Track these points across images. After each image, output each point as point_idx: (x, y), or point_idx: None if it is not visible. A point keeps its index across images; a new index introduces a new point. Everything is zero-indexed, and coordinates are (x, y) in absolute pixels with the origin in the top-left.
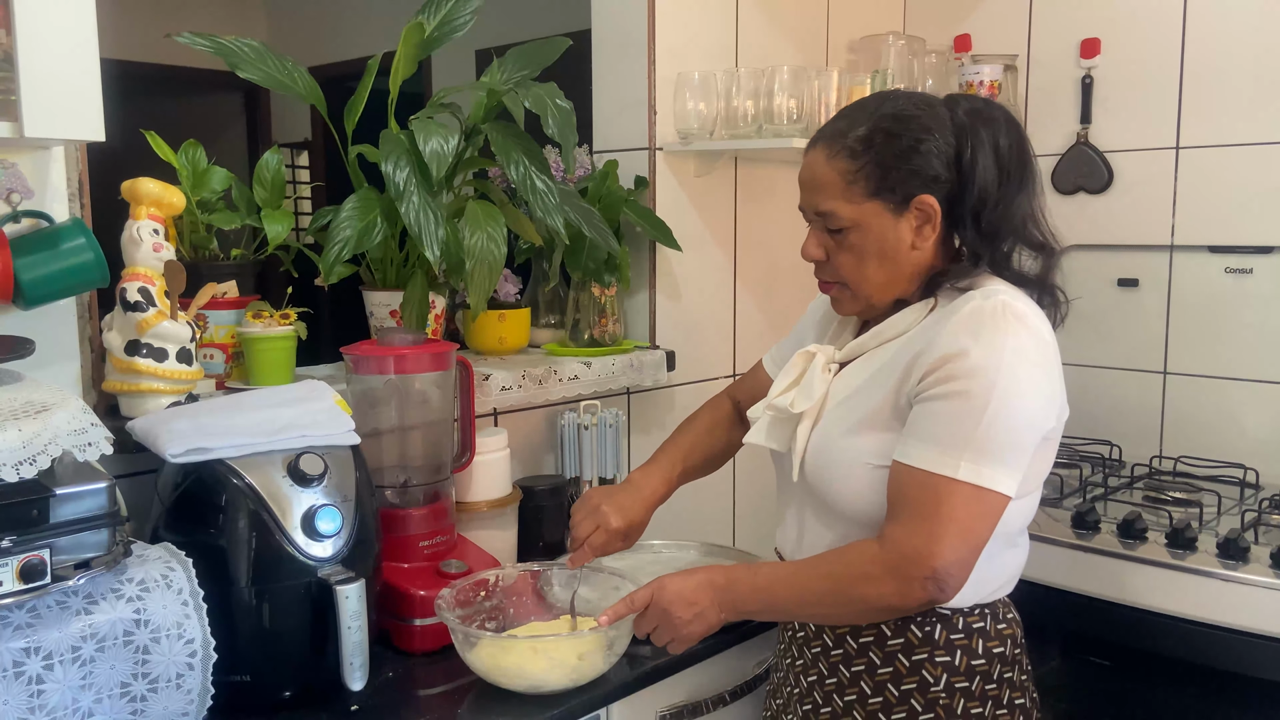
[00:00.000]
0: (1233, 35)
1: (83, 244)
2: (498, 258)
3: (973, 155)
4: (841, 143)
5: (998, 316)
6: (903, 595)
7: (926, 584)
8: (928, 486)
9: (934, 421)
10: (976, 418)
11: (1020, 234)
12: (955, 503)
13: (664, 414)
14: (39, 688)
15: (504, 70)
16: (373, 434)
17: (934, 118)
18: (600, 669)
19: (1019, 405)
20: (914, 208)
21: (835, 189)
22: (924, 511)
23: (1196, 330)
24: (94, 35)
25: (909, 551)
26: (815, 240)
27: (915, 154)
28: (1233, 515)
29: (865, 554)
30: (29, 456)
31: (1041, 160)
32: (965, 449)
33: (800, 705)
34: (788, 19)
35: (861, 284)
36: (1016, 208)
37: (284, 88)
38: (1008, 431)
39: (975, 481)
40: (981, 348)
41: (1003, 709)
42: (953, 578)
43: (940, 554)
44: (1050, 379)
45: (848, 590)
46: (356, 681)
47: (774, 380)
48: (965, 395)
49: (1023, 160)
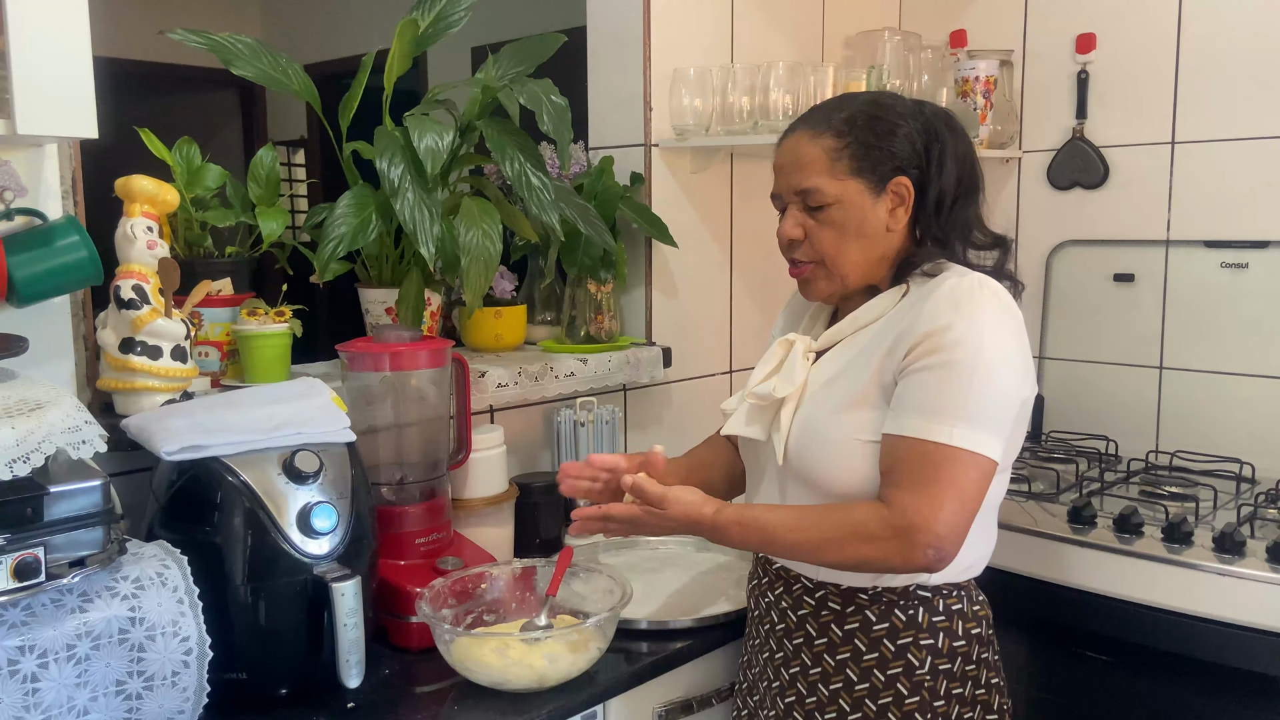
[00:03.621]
0: (1228, 30)
1: (76, 241)
2: (493, 254)
3: (940, 151)
4: (826, 124)
5: (975, 291)
6: (905, 559)
7: (928, 550)
8: (925, 454)
9: (924, 391)
10: (965, 385)
11: (966, 237)
12: (954, 469)
13: (660, 410)
14: (34, 686)
15: (499, 66)
16: (369, 431)
17: (908, 109)
18: (578, 669)
19: (1002, 372)
20: (890, 190)
21: (819, 166)
22: (924, 478)
23: (1192, 325)
24: (86, 32)
25: (915, 517)
26: (793, 220)
27: (893, 136)
28: (1229, 509)
29: (873, 514)
30: (23, 454)
31: (1037, 156)
32: (957, 415)
33: (781, 699)
34: (783, 14)
35: (840, 262)
36: (967, 210)
37: (278, 84)
38: (993, 397)
39: (969, 446)
40: (963, 320)
41: (981, 688)
42: (951, 544)
43: (942, 519)
44: (1024, 351)
45: (848, 545)
46: (353, 679)
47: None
48: (951, 365)
49: (974, 172)
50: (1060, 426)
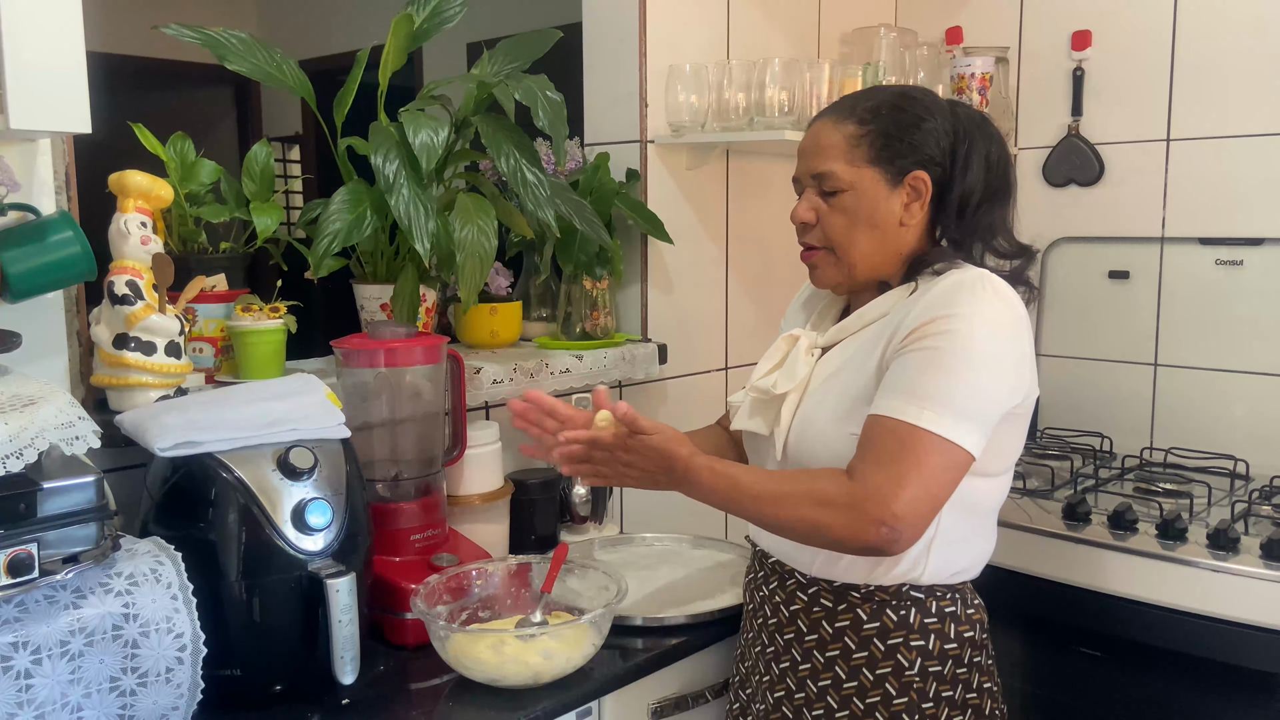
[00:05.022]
0: (1223, 27)
1: (70, 237)
2: (488, 250)
3: (967, 152)
4: (850, 111)
5: (976, 286)
6: (854, 531)
7: (880, 528)
8: (894, 432)
9: (903, 373)
10: (943, 370)
11: (987, 242)
12: (920, 450)
13: (656, 407)
14: (27, 682)
15: (494, 62)
16: (364, 427)
17: (938, 106)
18: (573, 665)
19: (986, 367)
20: (907, 183)
21: (838, 150)
22: (888, 455)
23: (1187, 322)
24: (80, 26)
25: (871, 490)
26: (807, 203)
27: (917, 130)
28: (1223, 506)
29: (835, 481)
30: (16, 450)
31: (1033, 153)
32: (930, 399)
33: (771, 693)
34: (780, 11)
35: (849, 249)
36: (992, 216)
37: (273, 80)
38: (976, 389)
39: (938, 431)
40: (957, 311)
41: (972, 692)
42: (909, 527)
43: (900, 498)
44: (1020, 353)
45: (804, 505)
46: (348, 675)
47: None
48: (934, 350)
49: (1006, 178)
50: (1055, 423)
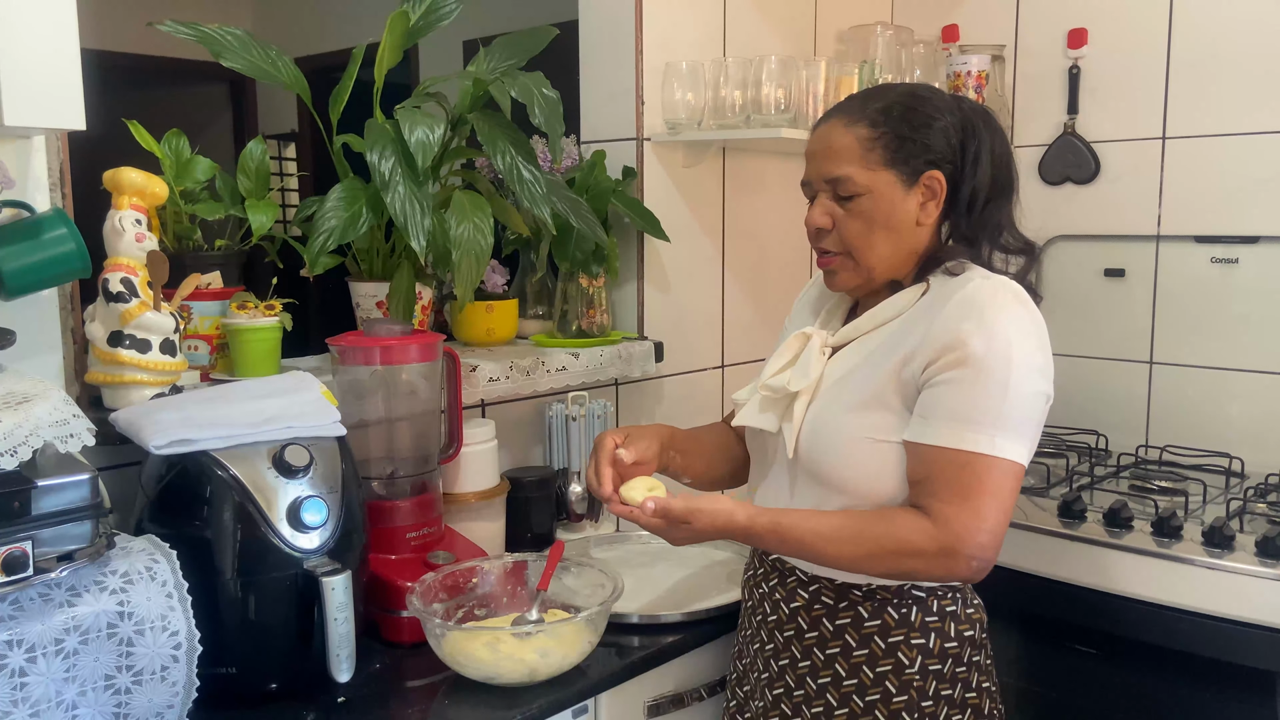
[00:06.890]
0: (1219, 26)
1: (64, 234)
2: (484, 248)
3: (977, 148)
4: (861, 112)
5: (997, 295)
6: (949, 571)
7: (972, 562)
8: (965, 466)
9: (956, 401)
10: (999, 393)
11: (995, 239)
12: (994, 478)
13: (652, 405)
14: (22, 680)
15: (490, 60)
16: (359, 425)
17: (946, 103)
18: (569, 663)
19: (1033, 379)
20: (922, 183)
21: (852, 154)
22: (962, 490)
23: (1183, 320)
24: (74, 23)
25: (960, 530)
26: (822, 209)
27: (929, 129)
28: (1218, 504)
29: (918, 528)
30: (10, 448)
31: (1029, 150)
32: (994, 425)
33: (770, 690)
34: (776, 9)
35: (867, 253)
36: (1000, 212)
37: (268, 77)
38: (1025, 404)
39: (1001, 454)
40: (988, 327)
41: (971, 691)
42: (994, 553)
43: (984, 530)
44: (1049, 355)
45: (892, 560)
46: (343, 673)
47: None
48: (975, 371)
49: (1010, 173)
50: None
